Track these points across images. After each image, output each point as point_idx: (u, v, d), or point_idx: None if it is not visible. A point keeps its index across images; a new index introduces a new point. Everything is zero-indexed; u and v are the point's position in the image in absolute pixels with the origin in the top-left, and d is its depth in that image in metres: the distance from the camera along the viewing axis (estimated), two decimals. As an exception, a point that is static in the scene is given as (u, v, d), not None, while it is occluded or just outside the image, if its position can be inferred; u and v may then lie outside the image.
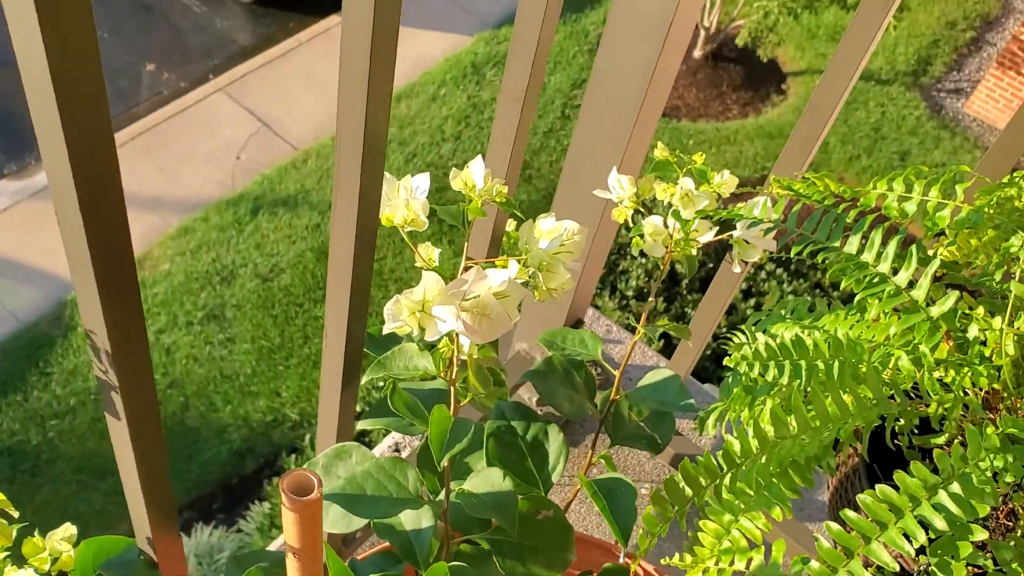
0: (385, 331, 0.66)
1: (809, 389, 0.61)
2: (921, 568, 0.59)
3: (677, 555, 0.71)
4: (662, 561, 0.73)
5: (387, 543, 0.76)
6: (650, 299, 0.86)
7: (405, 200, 0.67)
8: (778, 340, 0.62)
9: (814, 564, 0.57)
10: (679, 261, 0.83)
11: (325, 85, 5.19)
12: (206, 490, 3.61)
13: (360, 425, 0.81)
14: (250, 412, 3.84)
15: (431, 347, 0.77)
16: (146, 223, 4.82)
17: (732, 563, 0.65)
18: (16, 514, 0.65)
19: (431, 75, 5.25)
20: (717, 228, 0.83)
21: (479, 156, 0.69)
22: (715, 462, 0.62)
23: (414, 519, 0.74)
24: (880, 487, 0.53)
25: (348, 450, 0.77)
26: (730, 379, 0.66)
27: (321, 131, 4.98)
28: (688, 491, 0.61)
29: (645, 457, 1.32)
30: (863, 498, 0.54)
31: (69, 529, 0.69)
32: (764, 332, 0.68)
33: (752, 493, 0.66)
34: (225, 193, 4.81)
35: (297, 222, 4.54)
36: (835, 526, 0.54)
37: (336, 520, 0.71)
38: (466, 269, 0.66)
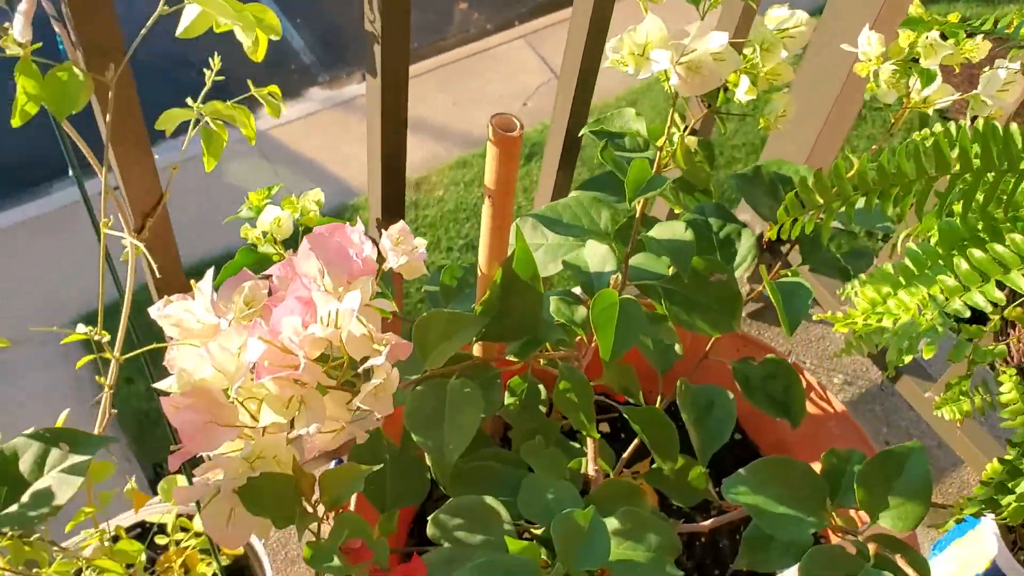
0: (606, 65, 0.74)
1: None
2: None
3: (829, 312, 0.75)
4: (815, 317, 0.77)
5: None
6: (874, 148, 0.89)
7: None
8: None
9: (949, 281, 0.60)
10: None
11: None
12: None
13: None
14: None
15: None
16: (429, 150, 5.20)
17: (880, 321, 0.69)
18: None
19: None
20: (957, 95, 0.84)
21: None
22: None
23: (599, 260, 0.82)
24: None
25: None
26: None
27: (606, 90, 5.13)
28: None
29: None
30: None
31: (318, 194, 0.84)
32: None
33: (916, 271, 0.69)
34: (506, 134, 5.04)
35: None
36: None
37: (532, 232, 0.81)
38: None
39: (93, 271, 0.76)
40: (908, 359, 0.68)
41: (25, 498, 0.60)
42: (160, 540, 0.91)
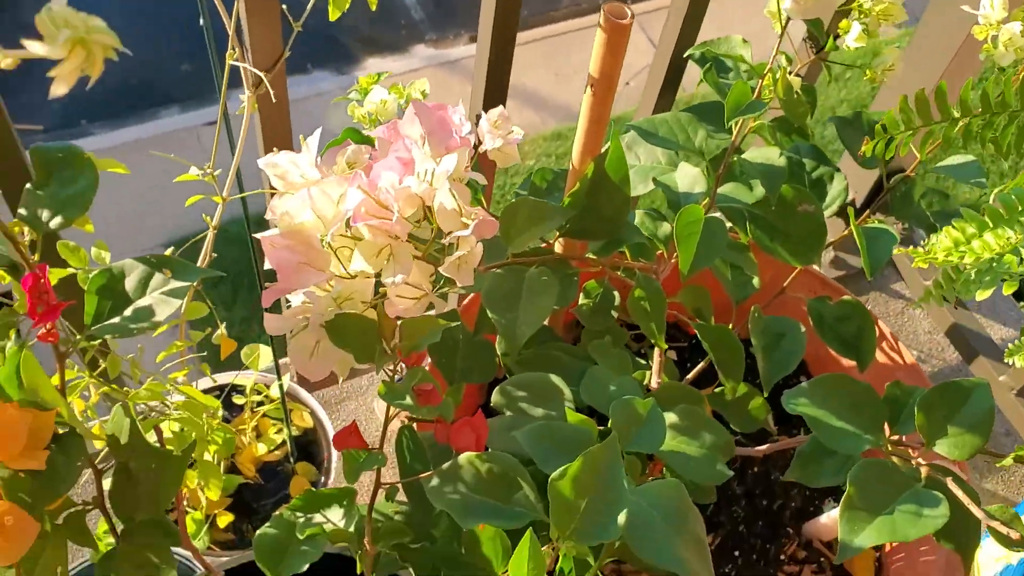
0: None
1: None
2: None
3: (911, 247, 0.75)
4: (897, 251, 0.77)
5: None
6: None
7: None
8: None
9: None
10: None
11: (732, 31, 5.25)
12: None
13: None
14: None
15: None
16: (526, 118, 5.21)
17: (962, 258, 0.69)
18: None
19: None
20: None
21: None
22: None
23: (689, 181, 0.83)
24: None
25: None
26: None
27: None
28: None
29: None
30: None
31: (424, 84, 0.87)
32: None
33: (1005, 214, 0.69)
34: (605, 111, 5.04)
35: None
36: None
37: (631, 143, 0.83)
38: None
39: (180, 201, 0.80)
40: (984, 294, 0.68)
41: (127, 312, 0.65)
42: (237, 400, 0.96)
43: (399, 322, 0.62)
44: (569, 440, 0.61)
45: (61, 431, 0.62)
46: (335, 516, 0.68)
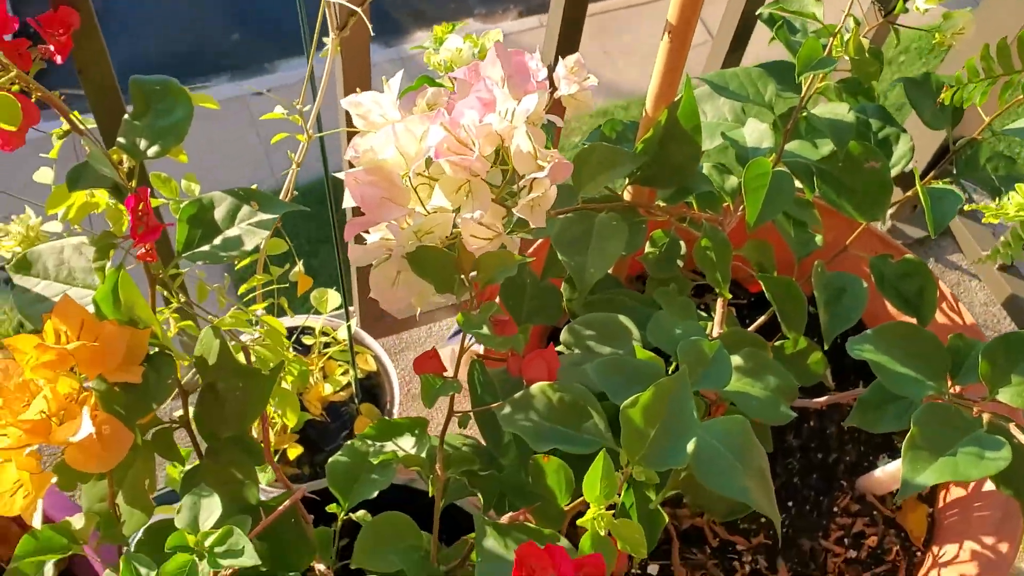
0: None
1: None
2: None
3: (983, 202, 0.76)
4: (966, 207, 0.78)
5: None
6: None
7: None
8: None
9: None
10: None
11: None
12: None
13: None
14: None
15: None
16: (574, 94, 5.24)
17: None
18: None
19: None
20: None
21: None
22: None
23: (757, 136, 0.84)
24: None
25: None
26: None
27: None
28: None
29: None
30: None
31: (498, 34, 0.89)
32: None
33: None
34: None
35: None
36: None
37: (699, 98, 0.84)
38: None
39: (249, 161, 0.82)
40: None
41: (217, 241, 0.67)
42: (306, 340, 0.99)
43: (477, 256, 0.64)
44: (639, 373, 0.63)
45: (152, 351, 0.65)
46: (406, 444, 0.71)
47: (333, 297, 0.98)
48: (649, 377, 0.62)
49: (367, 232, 0.67)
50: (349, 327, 0.98)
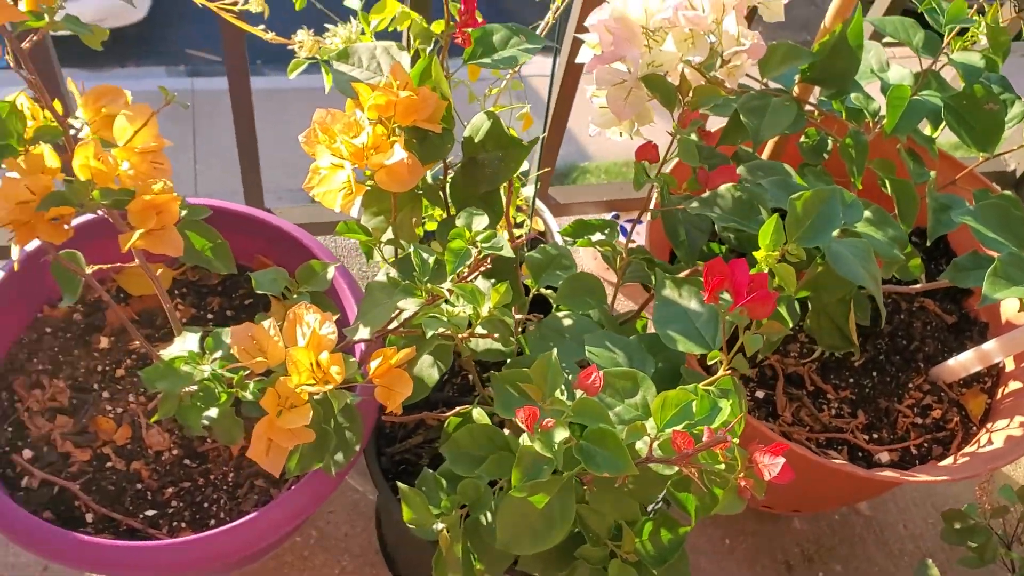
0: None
1: None
2: None
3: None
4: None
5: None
6: None
7: None
8: None
9: None
10: None
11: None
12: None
13: None
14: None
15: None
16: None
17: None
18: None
19: None
20: None
21: None
22: None
23: (899, 76, 1.05)
24: None
25: None
26: None
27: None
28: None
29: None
30: None
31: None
32: None
33: None
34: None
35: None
36: None
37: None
38: None
39: None
40: None
41: (496, 57, 0.90)
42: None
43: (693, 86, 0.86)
44: (798, 189, 0.84)
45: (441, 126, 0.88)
46: (596, 238, 0.93)
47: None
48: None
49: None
50: (536, 187, 1.20)
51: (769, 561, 1.23)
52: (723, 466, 0.66)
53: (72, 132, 0.80)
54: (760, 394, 1.05)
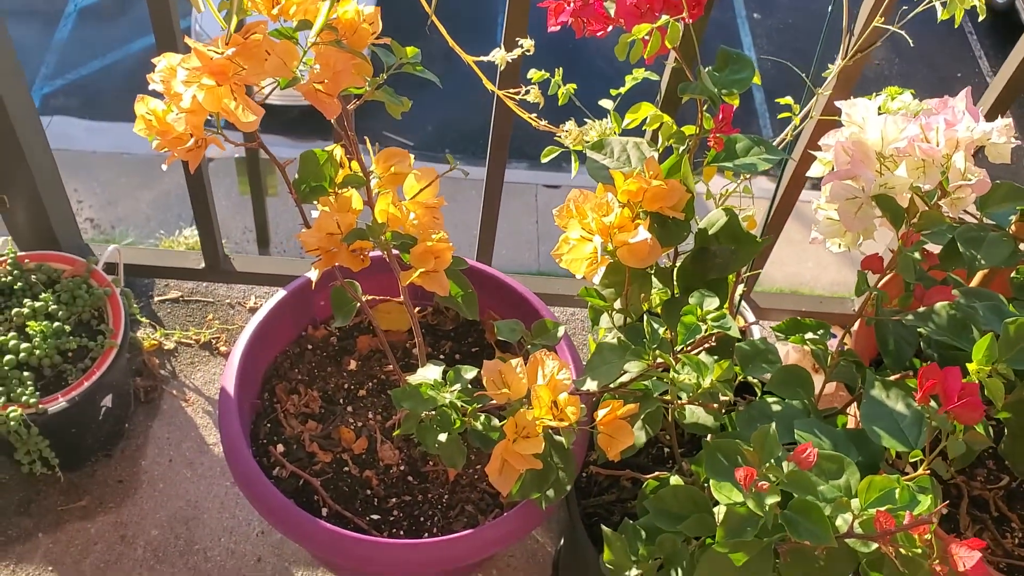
0: None
1: None
2: None
3: None
4: None
5: None
6: None
7: None
8: None
9: None
10: None
11: None
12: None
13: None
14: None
15: None
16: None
17: None
18: None
19: None
20: None
21: None
22: None
23: None
24: None
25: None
26: None
27: None
28: None
29: None
30: None
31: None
32: None
33: None
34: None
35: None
36: None
37: None
38: None
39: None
40: None
41: (736, 162, 1.00)
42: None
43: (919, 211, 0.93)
44: (1011, 316, 0.89)
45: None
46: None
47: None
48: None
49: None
50: (743, 287, 1.28)
51: None
52: (920, 551, 0.72)
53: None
54: (944, 510, 1.07)
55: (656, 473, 1.01)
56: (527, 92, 1.05)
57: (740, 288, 1.29)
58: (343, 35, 0.87)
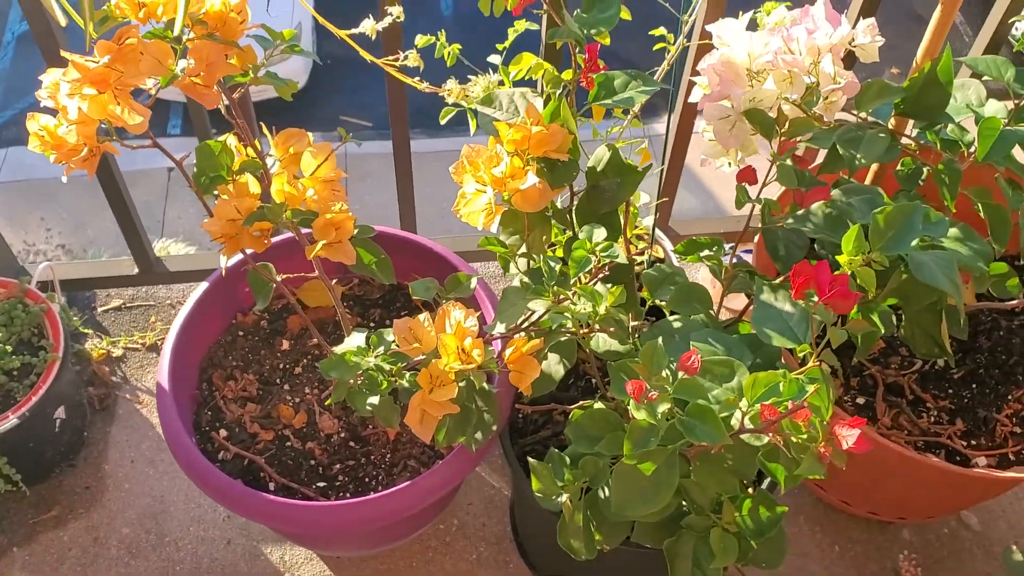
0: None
1: None
2: None
3: None
4: None
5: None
6: None
7: None
8: None
9: None
10: None
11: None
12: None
13: None
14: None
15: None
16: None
17: None
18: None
19: None
20: None
21: None
22: None
23: (993, 110, 1.12)
24: None
25: None
26: None
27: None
28: None
29: None
30: None
31: (811, 15, 1.21)
32: None
33: None
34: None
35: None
36: None
37: (957, 87, 1.13)
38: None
39: None
40: None
41: (616, 98, 1.03)
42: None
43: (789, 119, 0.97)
44: (882, 204, 0.93)
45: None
46: (705, 254, 1.04)
47: (644, 196, 1.33)
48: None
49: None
50: (655, 216, 1.32)
51: (877, 568, 1.29)
52: (805, 436, 0.76)
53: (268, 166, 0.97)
54: (860, 400, 1.12)
55: (581, 403, 1.05)
56: (406, 58, 1.07)
57: (651, 218, 1.33)
58: (214, 27, 0.89)
